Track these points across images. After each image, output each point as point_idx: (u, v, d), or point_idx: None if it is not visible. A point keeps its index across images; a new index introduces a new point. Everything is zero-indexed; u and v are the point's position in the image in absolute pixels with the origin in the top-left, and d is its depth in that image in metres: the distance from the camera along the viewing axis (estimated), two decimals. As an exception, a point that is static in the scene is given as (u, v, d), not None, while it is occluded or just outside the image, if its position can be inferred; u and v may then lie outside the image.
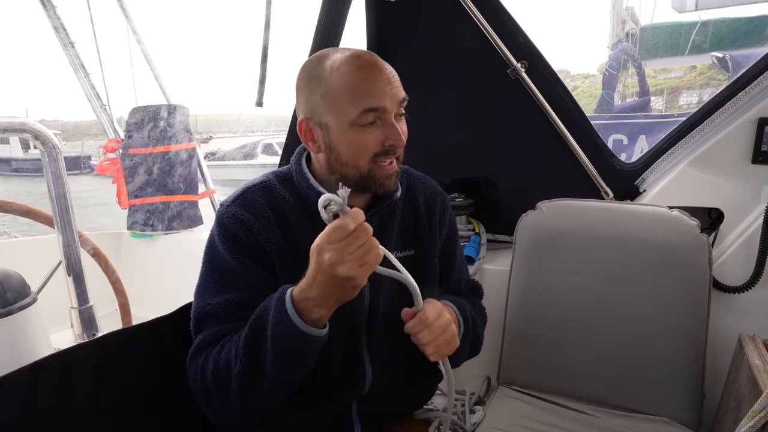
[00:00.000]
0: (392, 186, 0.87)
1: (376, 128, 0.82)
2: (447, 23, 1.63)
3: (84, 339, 1.21)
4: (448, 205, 1.07)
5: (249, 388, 0.77)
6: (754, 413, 0.77)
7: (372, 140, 0.82)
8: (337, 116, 0.82)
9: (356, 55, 0.84)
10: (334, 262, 0.67)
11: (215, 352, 0.80)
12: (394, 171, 0.86)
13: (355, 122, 0.81)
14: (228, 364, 0.77)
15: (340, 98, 0.82)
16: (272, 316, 0.74)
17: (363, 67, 0.82)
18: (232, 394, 0.78)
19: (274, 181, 0.91)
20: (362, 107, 0.80)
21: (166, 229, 2.63)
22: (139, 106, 2.59)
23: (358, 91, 0.81)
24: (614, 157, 1.61)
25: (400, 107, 0.84)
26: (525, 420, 1.23)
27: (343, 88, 0.81)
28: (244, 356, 0.75)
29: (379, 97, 0.81)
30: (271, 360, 0.74)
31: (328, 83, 0.82)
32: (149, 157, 2.59)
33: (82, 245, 1.38)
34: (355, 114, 0.81)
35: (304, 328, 0.72)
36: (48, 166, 1.13)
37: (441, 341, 0.85)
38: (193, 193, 2.70)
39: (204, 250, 0.89)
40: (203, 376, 0.80)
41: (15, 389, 0.73)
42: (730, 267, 1.36)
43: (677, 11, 10.53)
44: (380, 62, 0.84)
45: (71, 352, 0.81)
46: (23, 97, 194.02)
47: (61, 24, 2.31)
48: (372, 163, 0.84)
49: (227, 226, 0.85)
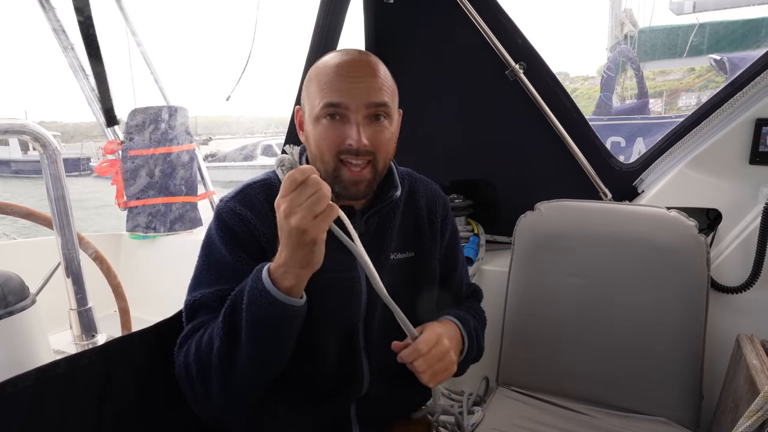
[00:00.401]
0: (358, 194, 0.85)
1: (340, 125, 0.82)
2: (445, 24, 1.64)
3: (83, 341, 1.21)
4: (450, 209, 1.07)
5: (227, 366, 0.75)
6: (752, 413, 0.77)
7: (332, 136, 0.81)
8: (309, 107, 0.85)
9: (344, 51, 0.86)
10: (287, 214, 0.68)
11: (198, 336, 0.80)
12: (365, 179, 0.84)
13: (319, 115, 0.82)
14: (210, 344, 0.76)
15: (313, 90, 0.84)
16: (249, 284, 0.74)
17: (340, 63, 0.83)
18: (213, 377, 0.77)
19: (274, 179, 0.92)
20: (325, 100, 0.81)
21: (168, 231, 2.63)
22: (140, 108, 2.59)
23: (325, 84, 0.82)
24: (612, 157, 1.61)
25: (368, 110, 0.82)
26: (523, 420, 1.24)
27: (317, 80, 0.83)
28: (222, 329, 0.75)
29: (342, 94, 0.80)
30: (247, 331, 0.73)
31: (311, 75, 0.85)
32: (150, 158, 2.59)
33: (84, 249, 1.38)
34: (318, 107, 0.82)
35: (276, 294, 0.71)
36: (47, 168, 1.13)
37: (438, 368, 0.84)
38: (193, 195, 2.70)
39: (201, 246, 0.89)
40: (186, 363, 0.80)
41: (18, 394, 0.73)
42: (728, 267, 1.37)
43: (675, 13, 10.56)
44: (363, 62, 0.84)
45: (76, 359, 0.81)
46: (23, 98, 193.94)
47: (60, 26, 2.31)
48: (338, 161, 0.83)
49: (225, 220, 0.86)
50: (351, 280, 0.89)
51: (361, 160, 0.82)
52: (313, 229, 0.67)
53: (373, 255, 0.90)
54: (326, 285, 0.83)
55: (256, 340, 0.74)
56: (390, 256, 0.93)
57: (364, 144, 0.81)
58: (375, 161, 0.84)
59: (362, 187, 0.84)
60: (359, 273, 0.90)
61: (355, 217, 0.89)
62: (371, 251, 0.90)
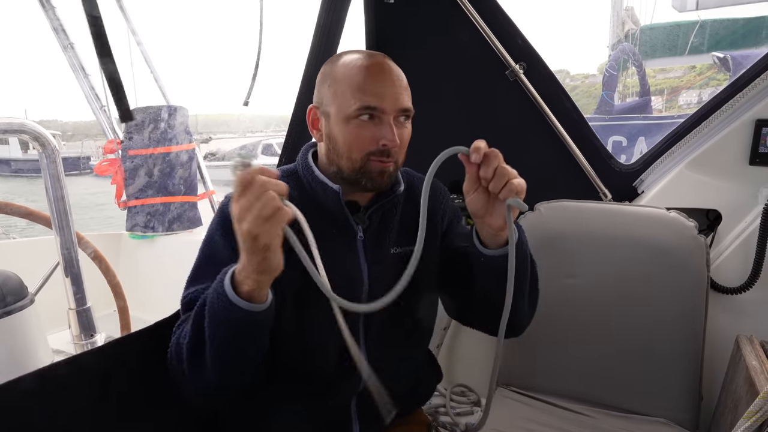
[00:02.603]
0: (384, 184, 0.88)
1: (373, 126, 0.84)
2: (445, 24, 1.63)
3: (82, 340, 1.21)
4: (448, 196, 1.10)
5: (195, 364, 0.76)
6: (751, 414, 0.77)
7: (367, 136, 0.84)
8: (338, 107, 0.85)
9: (369, 54, 0.88)
10: (238, 218, 0.65)
11: (182, 329, 0.81)
12: (389, 171, 0.87)
13: (352, 116, 0.84)
14: (185, 336, 0.78)
15: (343, 91, 0.84)
16: (213, 285, 0.74)
17: (370, 66, 0.85)
18: (186, 369, 0.78)
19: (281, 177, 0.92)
20: (361, 103, 0.83)
21: (166, 231, 2.63)
22: (140, 108, 2.59)
23: (361, 87, 0.83)
24: (612, 158, 1.61)
25: (399, 113, 0.85)
26: (523, 421, 1.24)
27: (347, 81, 0.84)
28: (191, 326, 0.76)
29: (379, 98, 0.83)
30: (208, 331, 0.73)
31: (337, 76, 0.86)
32: (150, 158, 2.59)
33: (83, 248, 1.38)
34: (353, 108, 0.83)
35: (233, 298, 0.70)
36: (46, 168, 1.13)
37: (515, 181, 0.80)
38: (192, 195, 2.70)
39: (201, 242, 0.89)
40: (170, 351, 0.82)
41: (17, 396, 0.73)
42: (728, 268, 1.37)
43: (678, 11, 10.54)
44: (390, 66, 0.87)
45: (74, 361, 0.81)
46: (22, 97, 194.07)
47: (60, 25, 2.31)
48: (365, 159, 0.85)
49: (228, 215, 0.86)
50: (353, 274, 0.90)
51: (388, 159, 0.86)
52: (265, 235, 0.65)
53: (375, 249, 0.92)
54: (331, 279, 0.84)
55: (215, 341, 0.73)
56: (390, 251, 0.94)
57: (398, 144, 0.85)
58: (397, 160, 0.88)
59: (386, 178, 0.87)
60: (361, 268, 0.90)
61: (360, 212, 0.91)
62: (373, 246, 0.92)
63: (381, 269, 0.91)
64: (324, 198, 0.88)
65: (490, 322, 0.87)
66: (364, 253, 0.91)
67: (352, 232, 0.90)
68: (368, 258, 0.91)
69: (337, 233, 0.89)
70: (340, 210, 0.88)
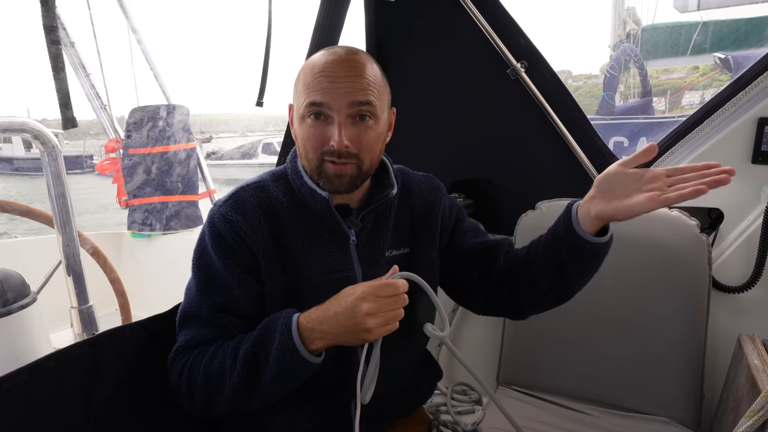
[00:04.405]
0: (342, 187, 0.83)
1: (324, 125, 0.81)
2: (446, 23, 1.63)
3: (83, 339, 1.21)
4: (446, 194, 1.05)
5: (242, 401, 0.80)
6: (753, 413, 0.77)
7: (317, 135, 0.81)
8: (296, 106, 0.85)
9: (331, 50, 0.84)
10: (370, 313, 0.72)
11: (206, 360, 0.80)
12: (347, 174, 0.82)
13: (303, 114, 0.82)
14: (222, 374, 0.78)
15: (299, 89, 0.84)
16: (277, 341, 0.76)
17: (324, 62, 0.82)
18: (221, 400, 0.80)
19: (268, 181, 0.91)
20: (308, 99, 0.81)
21: (164, 229, 2.63)
22: (139, 107, 2.60)
23: (308, 83, 0.81)
24: (614, 157, 1.60)
25: (351, 109, 0.80)
26: (524, 420, 1.23)
27: (302, 78, 0.83)
28: (243, 372, 0.77)
29: (325, 93, 0.79)
30: (271, 379, 0.77)
31: (299, 73, 0.86)
32: (148, 157, 2.59)
33: (81, 244, 1.38)
34: (303, 106, 0.82)
35: (308, 357, 0.75)
36: (48, 166, 1.13)
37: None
38: (192, 193, 2.70)
39: (194, 247, 0.89)
40: (190, 379, 0.81)
41: (13, 389, 0.73)
42: (730, 267, 1.36)
43: (679, 11, 10.53)
44: (348, 60, 0.82)
45: (68, 351, 0.81)
46: (25, 95, 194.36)
47: (61, 24, 2.32)
48: (320, 159, 0.82)
49: (217, 227, 0.86)
50: (347, 279, 0.89)
51: (344, 161, 0.81)
52: (377, 333, 0.73)
53: (368, 253, 0.91)
54: (324, 285, 0.84)
55: (280, 387, 0.79)
56: (385, 253, 0.93)
57: (345, 145, 0.79)
58: (359, 162, 0.83)
59: (345, 181, 0.83)
60: (355, 272, 0.90)
61: (351, 215, 0.89)
62: (366, 250, 0.91)
63: (375, 273, 0.89)
64: (314, 205, 0.87)
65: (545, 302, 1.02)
66: (358, 257, 0.90)
67: (344, 236, 0.89)
68: (362, 262, 0.90)
69: (329, 238, 0.88)
70: (331, 216, 0.87)
